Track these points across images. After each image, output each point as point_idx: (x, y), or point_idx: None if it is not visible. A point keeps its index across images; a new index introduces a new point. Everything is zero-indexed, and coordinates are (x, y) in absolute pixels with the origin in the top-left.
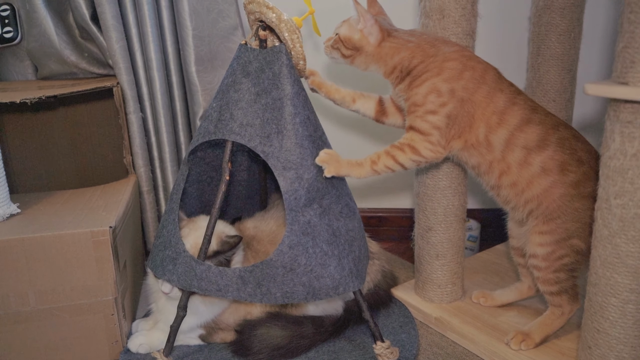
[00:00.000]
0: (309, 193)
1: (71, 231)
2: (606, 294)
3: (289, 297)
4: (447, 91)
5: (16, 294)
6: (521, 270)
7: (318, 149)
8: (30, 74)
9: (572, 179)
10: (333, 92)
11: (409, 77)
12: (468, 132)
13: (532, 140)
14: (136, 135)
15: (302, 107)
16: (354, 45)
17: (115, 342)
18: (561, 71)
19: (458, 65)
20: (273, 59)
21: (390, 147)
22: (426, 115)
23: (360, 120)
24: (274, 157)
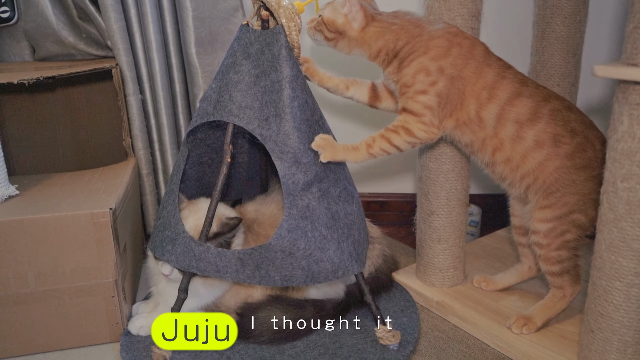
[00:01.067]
0: (306, 177)
1: (71, 213)
2: (611, 278)
3: (287, 280)
4: (436, 69)
5: (16, 276)
6: (522, 250)
7: (315, 134)
8: (27, 55)
9: (567, 150)
10: (326, 80)
11: (396, 59)
12: (459, 110)
13: (524, 114)
14: (135, 118)
15: (300, 90)
16: (337, 29)
17: (116, 325)
18: (566, 54)
19: (444, 43)
20: (272, 41)
21: (385, 130)
22: (417, 95)
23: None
24: (271, 141)
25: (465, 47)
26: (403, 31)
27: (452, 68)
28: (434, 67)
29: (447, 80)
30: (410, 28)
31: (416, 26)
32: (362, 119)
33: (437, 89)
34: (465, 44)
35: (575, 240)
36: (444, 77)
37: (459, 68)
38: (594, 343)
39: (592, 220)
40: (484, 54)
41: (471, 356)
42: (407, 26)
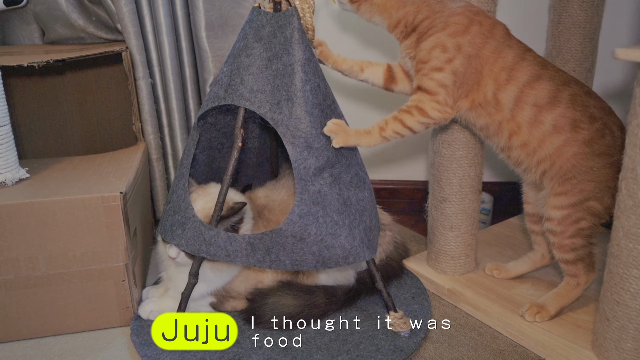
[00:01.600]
0: (318, 162)
1: (81, 196)
2: (628, 266)
3: (298, 265)
4: (453, 46)
5: (26, 259)
6: (535, 238)
7: (327, 118)
8: (37, 38)
9: (585, 136)
10: (340, 62)
11: (414, 33)
12: (476, 91)
13: (543, 98)
14: (145, 102)
15: (312, 74)
16: None
17: (126, 309)
18: (582, 39)
19: (464, 20)
20: (285, 23)
21: (398, 111)
22: (432, 72)
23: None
24: (283, 125)
25: (485, 26)
26: (425, 4)
27: (470, 46)
28: (451, 44)
29: (464, 59)
30: (433, 2)
31: (439, 1)
32: (373, 103)
33: (453, 66)
34: (486, 23)
35: (590, 228)
36: (461, 55)
37: (478, 47)
38: (609, 331)
39: (608, 208)
40: (504, 35)
41: (483, 344)
42: (429, 1)
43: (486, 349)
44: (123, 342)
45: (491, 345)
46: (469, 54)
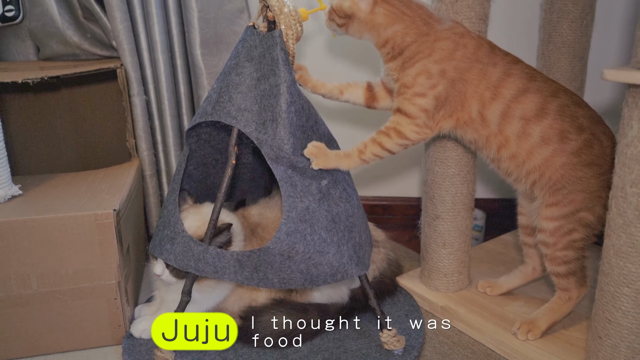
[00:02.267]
0: (303, 180)
1: (74, 214)
2: (619, 284)
3: (286, 283)
4: (438, 72)
5: (18, 277)
6: (527, 250)
7: (308, 140)
8: (31, 54)
9: (573, 146)
10: (319, 86)
11: (400, 57)
12: (460, 111)
13: (530, 110)
14: (139, 119)
15: (297, 95)
16: (345, 13)
17: (118, 327)
18: (572, 59)
19: (450, 45)
20: (272, 44)
21: (377, 133)
22: (414, 97)
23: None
24: (267, 145)
25: (470, 48)
26: (413, 26)
27: (454, 71)
28: (436, 70)
29: (448, 84)
30: (420, 24)
31: (426, 23)
32: (356, 120)
33: (436, 92)
34: (471, 45)
35: (583, 239)
36: (444, 80)
37: (462, 71)
38: (601, 350)
39: (600, 218)
40: (489, 54)
41: None
42: (417, 22)
43: None
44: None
45: None
46: (453, 78)
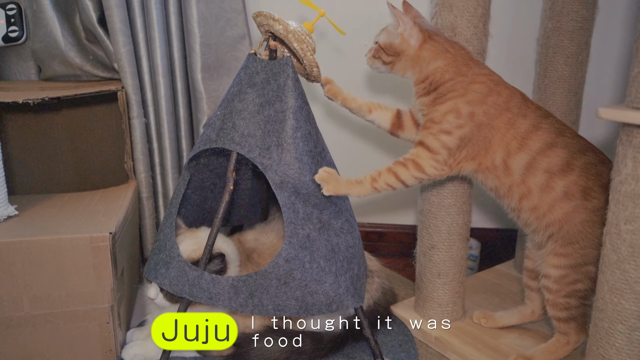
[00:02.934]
0: (306, 207)
1: (70, 236)
2: (613, 320)
3: (280, 310)
4: (467, 114)
5: (10, 298)
6: (529, 293)
7: (317, 165)
8: (33, 74)
9: (595, 205)
10: (349, 100)
11: (434, 92)
12: (483, 156)
13: (556, 165)
14: (138, 141)
15: (304, 121)
16: (395, 51)
17: (109, 352)
18: (567, 94)
19: (484, 89)
20: (279, 71)
21: (393, 164)
22: (440, 134)
23: (366, 127)
24: (272, 170)
25: (503, 96)
26: (454, 64)
27: (483, 116)
28: (466, 111)
29: (475, 126)
30: (460, 64)
31: (465, 64)
32: (371, 140)
33: (462, 132)
34: (504, 94)
35: (586, 290)
36: (472, 123)
37: (491, 117)
38: None
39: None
40: (520, 105)
41: None
42: (458, 60)
43: None
44: None
45: None
46: (480, 122)
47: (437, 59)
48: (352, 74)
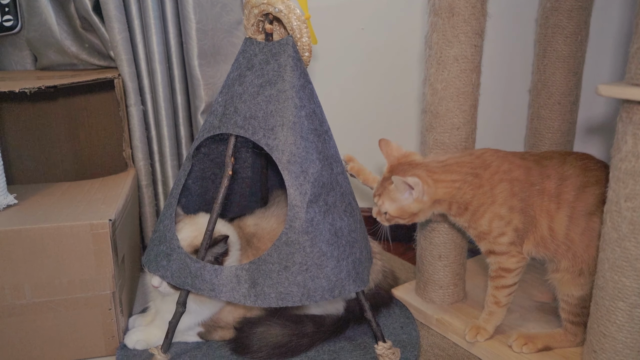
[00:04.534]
0: (314, 188)
1: (70, 223)
2: (614, 298)
3: (283, 298)
4: (507, 211)
5: (11, 286)
6: None
7: (324, 144)
8: (29, 63)
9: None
10: (371, 180)
11: (467, 212)
12: (533, 232)
13: (592, 204)
14: (136, 129)
15: (307, 100)
16: (412, 213)
17: (112, 338)
18: (567, 73)
19: (506, 186)
20: (279, 51)
21: (492, 282)
22: (497, 239)
23: (362, 112)
24: (278, 151)
25: (522, 178)
26: (465, 185)
27: (520, 202)
28: (505, 211)
29: (519, 214)
30: (470, 179)
31: (473, 174)
32: (368, 128)
33: (513, 226)
34: (522, 176)
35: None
36: (515, 214)
37: (525, 199)
38: None
39: None
40: (539, 171)
41: None
42: (467, 178)
43: None
44: None
45: None
46: (521, 208)
47: (450, 193)
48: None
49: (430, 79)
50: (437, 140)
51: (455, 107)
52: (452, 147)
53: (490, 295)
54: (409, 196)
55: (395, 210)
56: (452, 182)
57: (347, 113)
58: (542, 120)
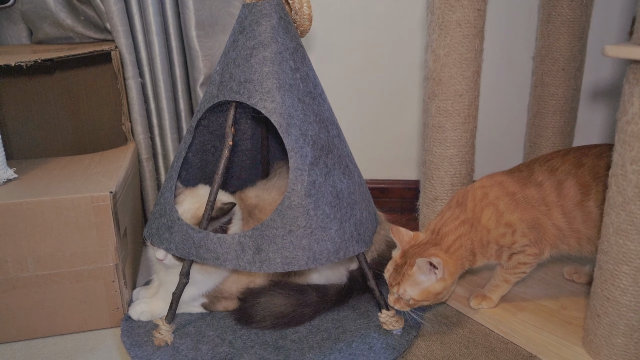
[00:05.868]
0: (314, 150)
1: (70, 196)
2: (618, 262)
3: (289, 262)
4: (504, 228)
5: (14, 260)
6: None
7: (319, 107)
8: (24, 37)
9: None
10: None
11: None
12: (544, 233)
13: (575, 195)
14: (135, 102)
15: (301, 62)
16: (438, 292)
17: (116, 310)
18: (572, 38)
19: (491, 209)
20: (270, 12)
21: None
22: (511, 247)
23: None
24: (276, 114)
25: (500, 194)
26: (461, 240)
27: (512, 214)
28: (502, 229)
29: (520, 222)
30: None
31: (461, 222)
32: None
33: (519, 232)
34: (499, 192)
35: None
36: (516, 223)
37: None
38: (599, 327)
39: None
40: (537, 189)
41: (475, 341)
42: (459, 232)
43: (478, 346)
44: (113, 343)
45: (483, 343)
46: (519, 218)
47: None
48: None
49: (433, 45)
50: (439, 108)
51: (458, 73)
52: (455, 115)
53: (500, 275)
54: (432, 276)
55: (419, 294)
56: (455, 249)
57: (348, 82)
58: (546, 87)
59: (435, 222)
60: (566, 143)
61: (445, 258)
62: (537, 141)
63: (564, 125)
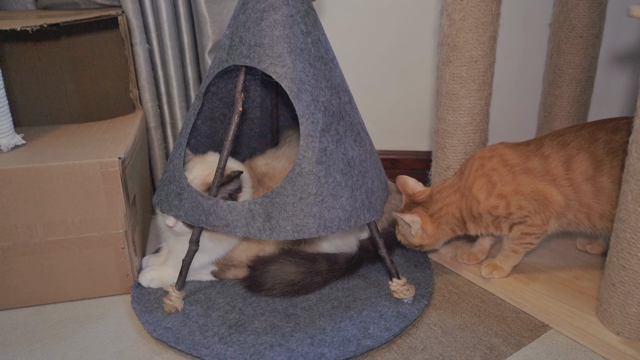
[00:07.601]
0: (325, 117)
1: (79, 162)
2: (636, 230)
3: (299, 230)
4: (497, 199)
5: (24, 225)
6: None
7: (330, 72)
8: (29, 3)
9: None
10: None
11: (466, 224)
12: (548, 206)
13: (586, 169)
14: (142, 69)
15: (312, 26)
16: (418, 244)
17: (126, 276)
18: (591, 4)
19: (483, 180)
20: None
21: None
22: (509, 218)
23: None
24: (287, 79)
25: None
26: (452, 207)
27: (505, 186)
28: (494, 200)
29: (515, 194)
30: (454, 198)
31: (454, 190)
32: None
33: (515, 205)
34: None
35: None
36: (511, 196)
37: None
38: (614, 297)
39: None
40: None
41: (486, 311)
42: (450, 198)
43: (489, 315)
44: (123, 309)
45: (494, 312)
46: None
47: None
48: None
49: (448, 9)
50: (454, 74)
51: (473, 38)
52: (470, 82)
53: (508, 245)
54: (409, 230)
55: (403, 239)
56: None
57: (358, 48)
58: (563, 55)
59: (438, 185)
60: (582, 112)
61: (425, 219)
62: (552, 110)
63: (580, 94)
